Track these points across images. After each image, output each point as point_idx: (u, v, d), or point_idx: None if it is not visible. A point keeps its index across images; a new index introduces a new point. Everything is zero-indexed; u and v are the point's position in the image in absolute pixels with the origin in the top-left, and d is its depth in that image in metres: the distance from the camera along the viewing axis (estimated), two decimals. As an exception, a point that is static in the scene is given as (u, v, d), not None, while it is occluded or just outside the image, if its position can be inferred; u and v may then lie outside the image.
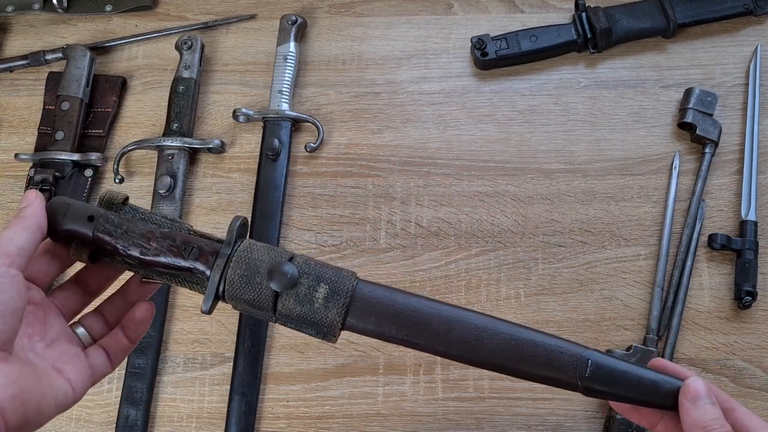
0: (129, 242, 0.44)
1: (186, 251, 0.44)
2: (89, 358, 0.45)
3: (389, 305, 0.44)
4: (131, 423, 0.66)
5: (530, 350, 0.43)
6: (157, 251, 0.44)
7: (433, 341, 0.44)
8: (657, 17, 0.78)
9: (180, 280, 0.46)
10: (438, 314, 0.44)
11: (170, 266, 0.44)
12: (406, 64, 0.81)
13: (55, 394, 0.40)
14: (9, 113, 0.82)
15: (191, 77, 0.79)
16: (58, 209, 0.44)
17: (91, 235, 0.44)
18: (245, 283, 0.43)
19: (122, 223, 0.44)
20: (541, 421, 0.66)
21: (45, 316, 0.43)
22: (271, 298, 0.43)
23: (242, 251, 0.44)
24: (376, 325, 0.44)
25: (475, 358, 0.44)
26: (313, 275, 0.44)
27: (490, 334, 0.43)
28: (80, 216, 0.44)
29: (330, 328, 0.44)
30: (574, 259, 0.71)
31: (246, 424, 0.66)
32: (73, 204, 0.44)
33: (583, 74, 0.80)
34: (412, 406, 0.67)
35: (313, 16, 0.84)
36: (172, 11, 0.86)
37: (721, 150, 0.74)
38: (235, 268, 0.43)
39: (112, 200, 0.46)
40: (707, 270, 0.70)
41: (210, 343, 0.70)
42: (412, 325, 0.44)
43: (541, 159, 0.76)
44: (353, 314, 0.44)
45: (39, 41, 0.85)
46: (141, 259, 0.44)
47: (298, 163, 0.77)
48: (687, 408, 0.41)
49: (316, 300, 0.43)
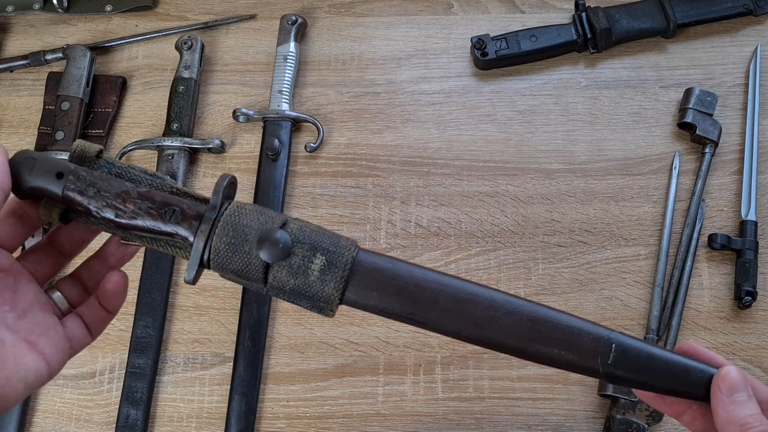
0: (103, 203, 0.40)
1: (167, 214, 0.40)
2: (67, 329, 0.41)
3: (393, 278, 0.40)
4: (131, 423, 0.66)
5: (549, 331, 0.39)
6: (134, 214, 0.40)
7: (441, 319, 0.40)
8: (657, 17, 0.78)
9: (161, 244, 0.42)
10: (447, 289, 0.40)
11: (149, 230, 0.40)
12: (406, 64, 0.81)
13: (24, 374, 0.37)
14: (9, 113, 0.82)
15: (191, 77, 0.79)
16: (23, 164, 0.40)
17: (61, 193, 0.39)
18: (232, 251, 0.39)
19: (95, 181, 0.40)
20: (541, 421, 0.66)
21: (15, 282, 0.40)
22: (261, 269, 0.39)
23: (229, 215, 0.40)
24: (378, 300, 0.40)
25: (488, 338, 0.40)
26: (308, 244, 0.40)
27: (506, 312, 0.39)
28: (48, 172, 0.40)
29: (327, 302, 0.40)
30: (574, 259, 0.71)
31: (246, 424, 0.66)
32: (39, 158, 0.40)
33: (583, 74, 0.80)
34: (412, 406, 0.67)
35: (313, 16, 0.84)
36: (172, 11, 0.86)
37: (721, 150, 0.74)
38: (221, 235, 0.39)
39: (85, 153, 0.42)
40: (707, 270, 0.70)
41: (210, 343, 0.70)
42: (418, 301, 0.40)
43: (541, 159, 0.76)
44: (353, 288, 0.40)
45: (39, 41, 0.85)
46: (116, 222, 0.40)
47: (298, 163, 0.77)
48: (722, 401, 0.38)
49: (311, 272, 0.39)
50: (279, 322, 0.70)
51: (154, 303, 0.70)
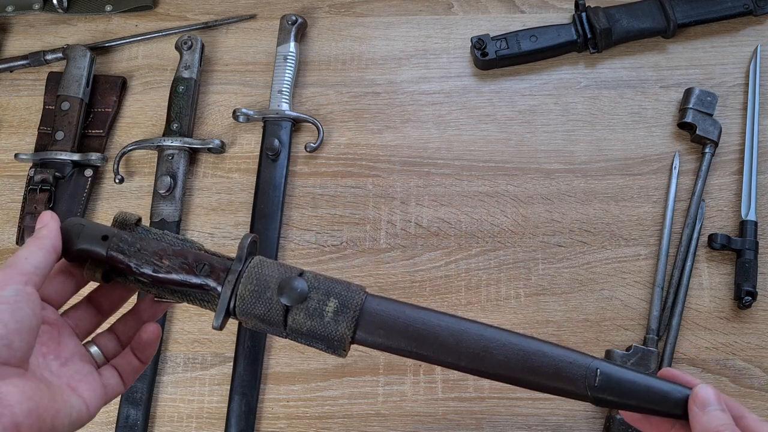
0: (142, 260, 0.45)
1: (198, 268, 0.45)
2: (102, 377, 0.45)
3: (398, 318, 0.44)
4: (131, 423, 0.66)
5: (539, 361, 0.43)
6: (169, 269, 0.45)
7: (442, 354, 0.44)
8: (657, 17, 0.78)
9: (192, 298, 0.47)
10: (446, 327, 0.44)
11: (182, 283, 0.45)
12: (406, 64, 0.81)
13: (70, 411, 0.40)
14: (9, 113, 0.82)
15: (191, 77, 0.79)
16: (73, 229, 0.45)
17: (105, 253, 0.45)
18: (256, 298, 0.44)
19: (135, 242, 0.45)
20: (541, 421, 0.66)
21: (59, 335, 0.44)
22: (281, 313, 0.44)
23: (253, 267, 0.45)
24: (386, 338, 0.44)
25: (485, 369, 0.44)
26: (322, 290, 0.44)
27: (499, 345, 0.44)
28: (94, 236, 0.45)
29: (340, 341, 0.44)
30: (574, 259, 0.71)
31: (246, 424, 0.66)
32: (87, 224, 0.45)
33: (583, 74, 0.80)
34: (412, 406, 0.67)
35: (313, 16, 0.84)
36: (172, 11, 0.86)
37: (721, 150, 0.74)
38: (246, 284, 0.44)
39: (126, 221, 0.47)
40: (707, 270, 0.70)
41: (210, 343, 0.70)
42: (421, 338, 0.44)
43: (541, 159, 0.76)
44: (363, 328, 0.44)
45: (39, 41, 0.85)
46: (154, 276, 0.45)
47: (298, 163, 0.77)
48: (697, 415, 0.41)
49: (326, 314, 0.44)
50: (279, 322, 0.70)
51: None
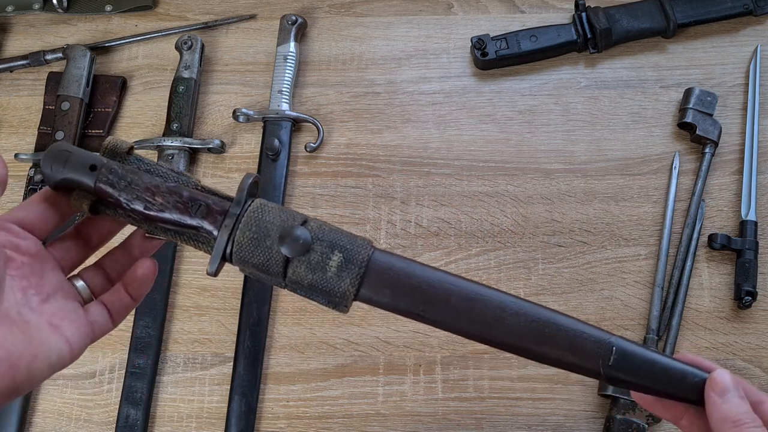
0: (133, 195, 0.41)
1: (193, 208, 0.42)
2: (89, 314, 0.42)
3: (406, 278, 0.41)
4: (131, 423, 0.66)
5: (553, 333, 0.41)
6: (162, 207, 0.41)
7: (451, 318, 0.41)
8: (657, 17, 0.78)
9: (185, 238, 0.43)
10: (458, 290, 0.41)
11: (175, 223, 0.42)
12: (406, 64, 0.81)
13: (49, 354, 0.38)
14: (9, 113, 0.82)
15: (191, 77, 0.79)
16: (58, 156, 0.41)
17: (93, 185, 0.41)
18: (254, 246, 0.41)
19: (126, 175, 0.42)
20: (541, 421, 0.66)
21: (42, 268, 0.41)
22: (281, 264, 0.41)
23: (253, 211, 0.42)
24: (392, 297, 0.41)
25: (495, 338, 0.41)
26: (327, 241, 0.41)
27: (513, 313, 0.41)
28: (81, 165, 0.41)
29: (342, 297, 0.41)
30: (574, 259, 0.71)
31: (246, 424, 0.66)
32: (74, 151, 0.42)
33: (583, 74, 0.80)
34: (412, 406, 0.67)
35: (313, 16, 0.84)
36: (172, 11, 0.86)
37: (721, 150, 0.74)
38: (244, 230, 0.41)
39: (116, 149, 0.43)
40: (707, 270, 0.70)
41: (210, 343, 0.70)
42: (429, 300, 0.41)
43: (541, 159, 0.76)
44: (367, 285, 0.41)
45: (39, 41, 0.85)
46: (145, 214, 0.42)
47: (298, 163, 0.77)
48: (714, 401, 0.39)
49: (329, 268, 0.41)
50: (279, 322, 0.70)
51: (154, 303, 0.70)
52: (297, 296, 0.71)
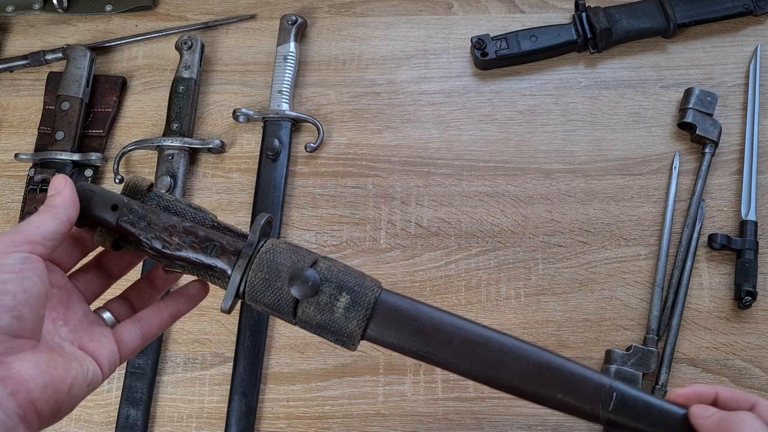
0: (151, 235, 0.43)
1: (208, 248, 0.43)
2: (119, 334, 0.44)
3: (412, 319, 0.43)
4: (131, 423, 0.66)
5: (554, 376, 0.42)
6: (179, 246, 0.43)
7: (454, 360, 0.43)
8: (657, 17, 0.78)
9: (201, 274, 0.45)
10: (461, 332, 0.43)
11: (191, 261, 0.44)
12: (406, 64, 0.81)
13: (85, 375, 0.40)
14: (9, 113, 0.82)
15: (191, 77, 0.79)
16: (83, 196, 0.44)
17: (115, 224, 0.43)
18: (266, 286, 0.43)
19: (145, 215, 0.44)
20: (542, 421, 0.66)
21: (68, 300, 0.43)
22: (291, 304, 0.43)
23: (265, 253, 0.43)
24: (397, 338, 0.43)
25: (497, 380, 0.43)
26: (335, 283, 0.43)
27: (514, 356, 0.42)
28: (104, 204, 0.44)
29: (350, 338, 0.43)
30: (574, 259, 0.71)
31: (246, 424, 0.66)
32: (97, 191, 0.44)
33: (583, 74, 0.79)
34: (412, 406, 0.67)
35: (313, 16, 0.84)
36: (172, 11, 0.86)
37: (721, 150, 0.74)
38: (256, 271, 0.43)
39: (137, 187, 0.46)
40: (707, 270, 0.70)
41: (210, 343, 0.70)
42: (434, 341, 0.43)
43: (541, 159, 0.76)
44: (374, 326, 0.43)
45: (39, 41, 0.85)
46: (163, 252, 0.44)
47: (298, 163, 0.77)
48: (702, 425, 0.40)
49: (336, 309, 0.43)
50: (279, 322, 0.70)
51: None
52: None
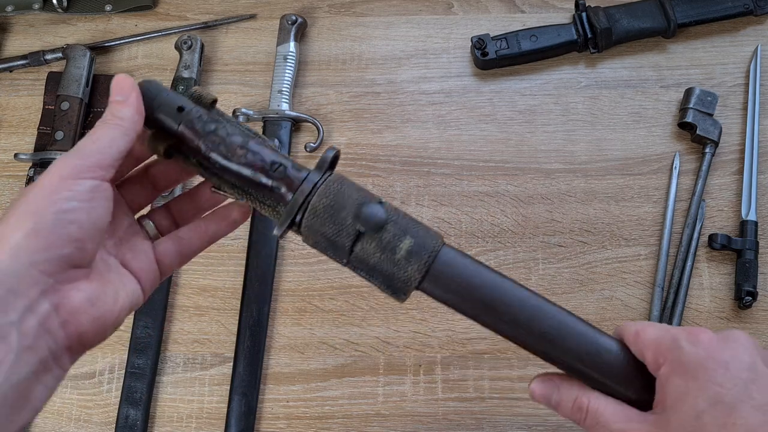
0: (214, 144, 0.40)
1: (272, 168, 0.40)
2: (157, 252, 0.43)
3: (471, 277, 0.41)
4: (131, 423, 0.66)
5: (609, 361, 0.41)
6: (241, 160, 0.40)
7: (510, 326, 0.41)
8: (657, 17, 0.78)
9: (252, 198, 0.42)
10: (521, 299, 0.41)
11: (249, 180, 0.41)
12: (406, 64, 0.81)
13: (131, 299, 0.39)
14: (8, 113, 0.82)
15: (191, 77, 0.79)
16: (147, 94, 0.40)
17: (176, 127, 0.40)
18: (328, 215, 0.40)
19: (211, 122, 0.41)
20: (542, 421, 0.66)
21: (115, 211, 0.40)
22: (351, 237, 0.40)
23: (331, 182, 0.41)
24: (454, 293, 0.41)
25: (551, 353, 0.41)
26: (400, 225, 0.40)
27: (571, 332, 0.41)
28: (170, 105, 0.40)
29: (405, 283, 0.40)
30: (574, 259, 0.71)
31: (246, 424, 0.66)
32: (164, 90, 0.41)
33: (584, 74, 0.79)
34: (413, 406, 0.67)
35: (313, 15, 0.84)
36: (172, 11, 0.86)
37: (721, 150, 0.74)
38: (321, 197, 0.40)
39: (201, 98, 0.42)
40: (707, 270, 0.70)
41: (210, 343, 0.70)
42: (490, 304, 0.41)
43: (541, 159, 0.76)
44: (432, 277, 0.41)
45: (39, 41, 0.85)
46: (221, 164, 0.40)
47: (298, 163, 0.77)
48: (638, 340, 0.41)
49: (398, 250, 0.40)
50: (279, 323, 0.70)
51: (153, 303, 0.70)
52: (297, 296, 0.71)
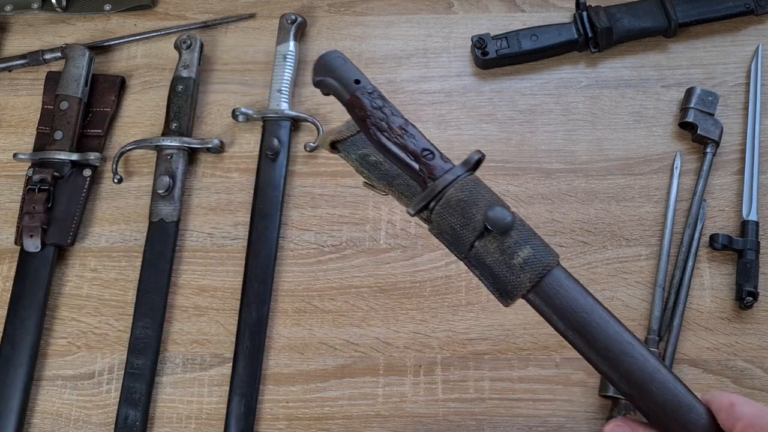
0: (378, 119, 0.45)
1: (423, 154, 0.44)
2: None
3: (574, 300, 0.43)
4: (130, 424, 0.66)
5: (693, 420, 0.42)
6: (398, 140, 0.44)
7: (598, 357, 0.42)
8: (658, 16, 0.78)
9: (396, 184, 0.47)
10: (616, 338, 0.42)
11: (401, 161, 0.45)
12: (406, 64, 0.81)
13: None
14: (8, 113, 0.82)
15: (190, 77, 0.79)
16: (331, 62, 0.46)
17: (348, 96, 0.45)
18: (460, 207, 0.43)
19: (380, 98, 0.45)
20: (542, 422, 0.65)
21: None
22: (476, 233, 0.43)
23: (470, 180, 0.44)
24: (554, 311, 0.43)
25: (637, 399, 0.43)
26: (523, 233, 0.43)
27: (658, 381, 0.42)
28: (349, 74, 0.46)
29: (514, 288, 0.43)
30: (575, 260, 0.71)
31: (245, 425, 0.66)
32: (347, 62, 0.46)
33: (584, 74, 0.79)
34: (413, 407, 0.67)
35: (312, 15, 0.84)
36: (171, 10, 0.86)
37: (722, 150, 0.74)
38: (459, 189, 0.43)
39: None
40: (708, 270, 0.70)
41: (209, 344, 0.70)
42: (584, 332, 0.42)
43: (541, 159, 0.75)
44: (539, 290, 0.42)
45: (38, 41, 0.85)
46: (380, 140, 0.45)
47: (298, 163, 0.77)
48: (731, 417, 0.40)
49: (516, 256, 0.42)
50: (278, 323, 0.70)
51: (153, 304, 0.70)
52: (296, 297, 0.71)
